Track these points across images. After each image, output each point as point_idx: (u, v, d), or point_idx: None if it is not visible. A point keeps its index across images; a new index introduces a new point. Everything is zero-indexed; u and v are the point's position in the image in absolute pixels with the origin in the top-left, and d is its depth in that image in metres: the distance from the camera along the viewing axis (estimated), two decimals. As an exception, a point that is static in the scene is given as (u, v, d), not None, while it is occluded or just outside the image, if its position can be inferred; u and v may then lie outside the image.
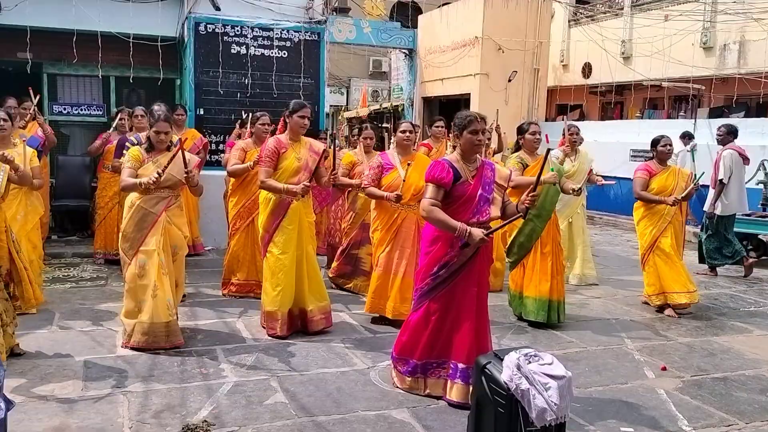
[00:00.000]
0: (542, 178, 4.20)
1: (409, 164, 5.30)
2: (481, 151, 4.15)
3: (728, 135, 7.94)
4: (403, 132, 5.56)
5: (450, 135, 4.87)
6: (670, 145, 6.42)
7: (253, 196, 6.04)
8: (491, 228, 3.94)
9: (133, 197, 4.87)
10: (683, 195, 6.11)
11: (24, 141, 5.53)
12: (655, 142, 6.39)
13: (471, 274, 3.96)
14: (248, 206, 6.21)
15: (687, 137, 11.51)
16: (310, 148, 5.36)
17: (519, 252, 5.72)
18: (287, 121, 5.30)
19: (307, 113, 5.25)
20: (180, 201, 5.05)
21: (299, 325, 5.27)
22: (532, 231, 5.58)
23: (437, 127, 7.76)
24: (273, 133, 6.01)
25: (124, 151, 5.94)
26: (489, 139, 6.61)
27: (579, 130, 7.43)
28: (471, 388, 3.68)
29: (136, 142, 5.79)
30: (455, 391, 3.94)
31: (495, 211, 4.03)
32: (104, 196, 7.69)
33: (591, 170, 6.84)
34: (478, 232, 3.77)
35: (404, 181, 5.28)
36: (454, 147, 4.14)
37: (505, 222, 4.07)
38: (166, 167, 4.68)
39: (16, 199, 5.71)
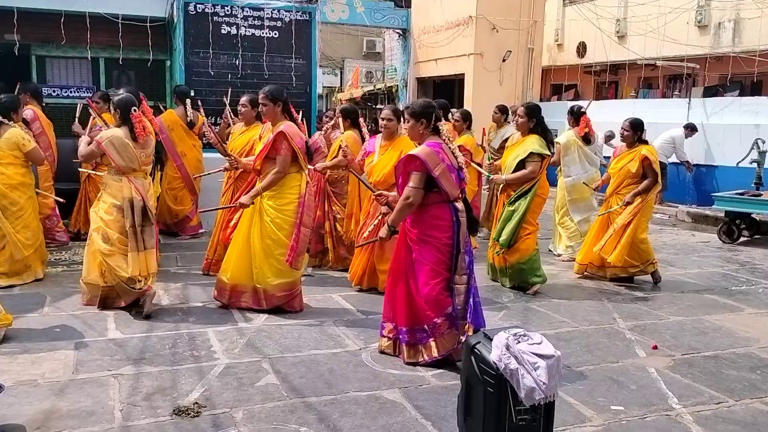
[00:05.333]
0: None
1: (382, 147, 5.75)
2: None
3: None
4: (382, 119, 5.84)
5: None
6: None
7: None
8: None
9: (113, 187, 5.16)
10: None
11: None
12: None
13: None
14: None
15: (690, 128, 11.43)
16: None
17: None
18: None
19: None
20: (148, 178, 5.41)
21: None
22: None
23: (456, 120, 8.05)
24: (258, 116, 6.19)
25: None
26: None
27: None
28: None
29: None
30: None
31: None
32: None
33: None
34: None
35: (373, 162, 5.67)
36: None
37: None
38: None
39: None
